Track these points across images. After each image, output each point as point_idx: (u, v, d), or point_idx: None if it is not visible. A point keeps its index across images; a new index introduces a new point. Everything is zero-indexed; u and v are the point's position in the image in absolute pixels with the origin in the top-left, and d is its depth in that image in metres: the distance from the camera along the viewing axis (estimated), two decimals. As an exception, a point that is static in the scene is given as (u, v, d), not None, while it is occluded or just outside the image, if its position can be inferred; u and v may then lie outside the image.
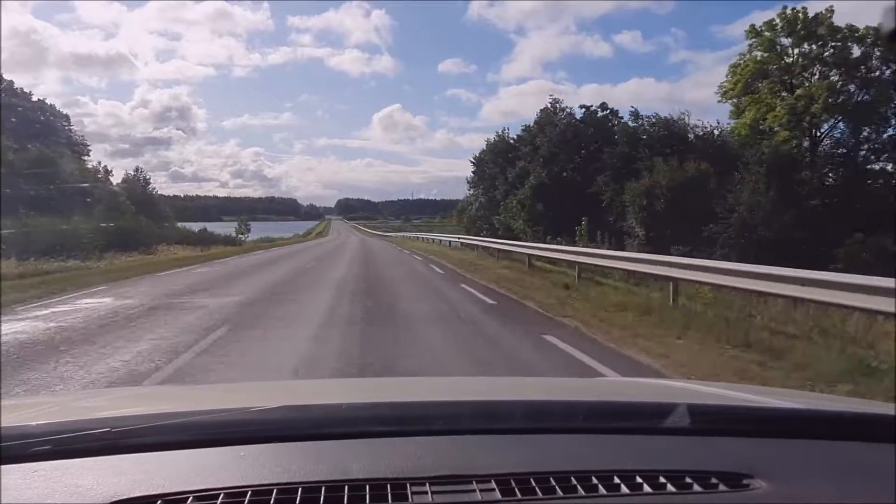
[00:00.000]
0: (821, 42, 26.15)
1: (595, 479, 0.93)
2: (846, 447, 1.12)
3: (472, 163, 45.66)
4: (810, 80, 26.63)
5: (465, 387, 1.96)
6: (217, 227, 53.00)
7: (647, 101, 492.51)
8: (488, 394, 1.61)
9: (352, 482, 0.91)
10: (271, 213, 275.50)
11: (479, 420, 1.16)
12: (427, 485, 0.91)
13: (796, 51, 26.93)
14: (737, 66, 28.56)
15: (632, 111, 31.30)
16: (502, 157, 39.60)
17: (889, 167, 26.11)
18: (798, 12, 26.51)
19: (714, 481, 0.95)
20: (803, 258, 14.83)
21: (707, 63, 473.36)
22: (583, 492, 0.91)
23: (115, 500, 0.86)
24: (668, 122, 28.48)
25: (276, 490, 0.89)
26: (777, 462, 1.02)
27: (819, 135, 26.97)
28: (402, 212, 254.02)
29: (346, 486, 0.90)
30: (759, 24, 27.73)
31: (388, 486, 0.90)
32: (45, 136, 36.68)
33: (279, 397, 1.49)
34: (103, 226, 26.65)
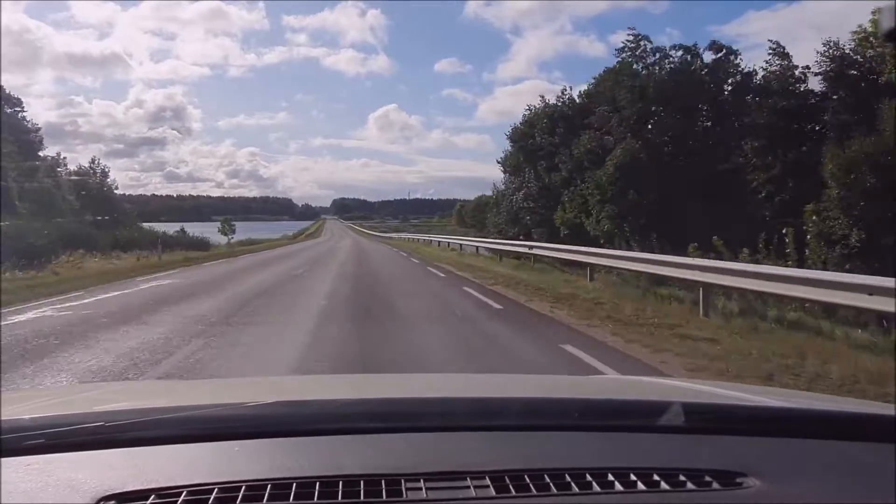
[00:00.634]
0: None
1: (589, 477, 0.94)
2: (840, 446, 1.12)
3: (507, 138, 34.00)
4: None
5: (461, 383, 1.95)
6: (206, 228, 50.23)
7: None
8: (484, 391, 1.60)
9: (346, 478, 0.92)
10: (266, 212, 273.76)
11: (475, 417, 1.16)
12: (422, 481, 0.91)
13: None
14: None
15: (773, 47, 20.51)
16: (566, 124, 27.87)
17: None
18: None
19: (708, 479, 0.96)
20: None
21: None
22: (577, 489, 0.92)
23: (108, 493, 0.87)
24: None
25: (270, 485, 0.90)
26: (771, 461, 1.03)
27: None
28: (398, 211, 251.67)
29: (341, 482, 0.91)
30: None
31: (383, 481, 0.91)
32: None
33: (274, 392, 1.49)
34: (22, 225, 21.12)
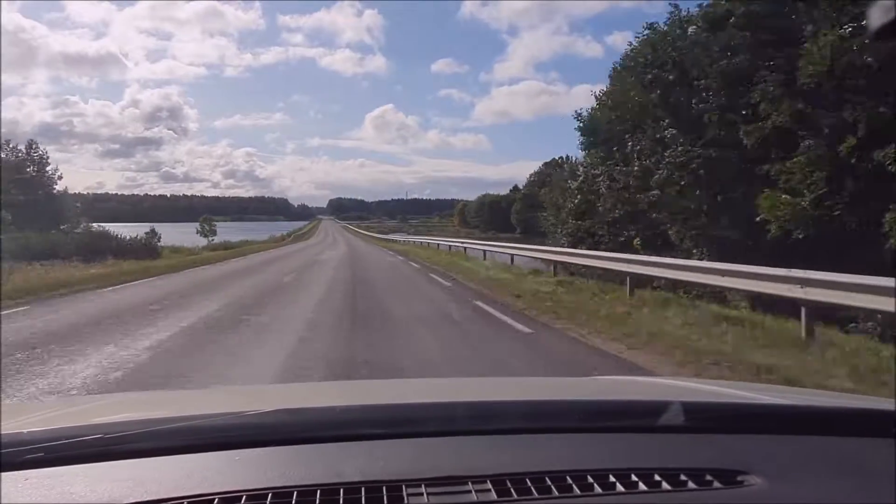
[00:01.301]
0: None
1: (590, 479, 0.93)
2: (841, 443, 1.11)
3: (595, 98, 24.28)
4: None
5: (460, 388, 1.93)
6: (191, 229, 47.87)
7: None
8: (483, 394, 1.60)
9: (347, 485, 0.91)
10: (261, 212, 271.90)
11: (474, 421, 1.16)
12: (423, 486, 0.90)
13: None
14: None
15: None
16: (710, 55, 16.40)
17: None
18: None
19: (709, 478, 0.95)
20: None
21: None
22: (578, 491, 0.91)
23: None
24: None
25: (270, 494, 0.89)
26: (772, 459, 1.02)
27: None
28: (395, 211, 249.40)
29: (342, 490, 0.90)
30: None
31: (384, 488, 0.90)
32: None
33: (273, 400, 1.48)
34: None
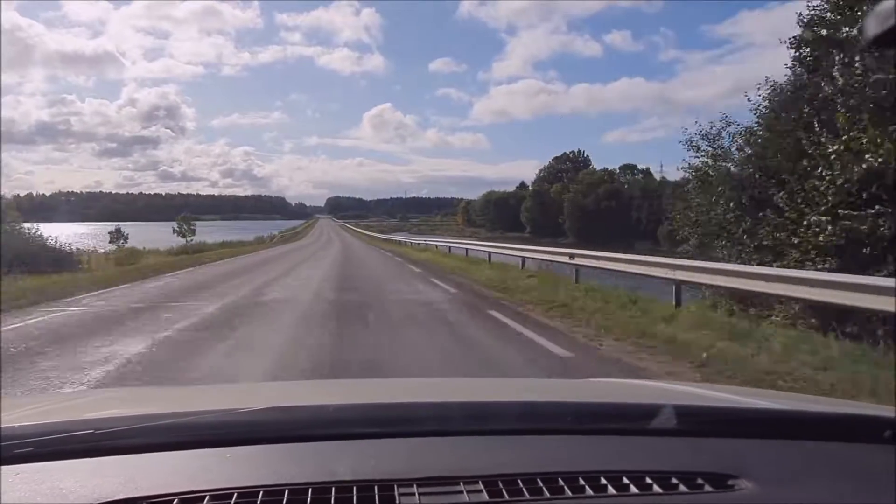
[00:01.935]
0: None
1: (582, 480, 0.93)
2: (832, 448, 1.11)
3: (796, 57, 10.92)
4: None
5: (453, 388, 1.92)
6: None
7: (637, 100, 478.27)
8: (476, 395, 1.60)
9: (339, 484, 0.91)
10: (258, 211, 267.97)
11: (467, 421, 1.16)
12: (415, 486, 0.90)
13: None
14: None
15: None
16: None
17: None
18: None
19: (700, 482, 0.95)
20: None
21: (697, 62, 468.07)
22: (570, 493, 0.91)
23: (98, 502, 0.86)
24: None
25: (262, 492, 0.88)
26: (763, 463, 1.02)
27: None
28: (395, 210, 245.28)
29: (333, 488, 0.90)
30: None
31: (376, 487, 0.90)
32: None
33: (266, 398, 1.47)
34: None
